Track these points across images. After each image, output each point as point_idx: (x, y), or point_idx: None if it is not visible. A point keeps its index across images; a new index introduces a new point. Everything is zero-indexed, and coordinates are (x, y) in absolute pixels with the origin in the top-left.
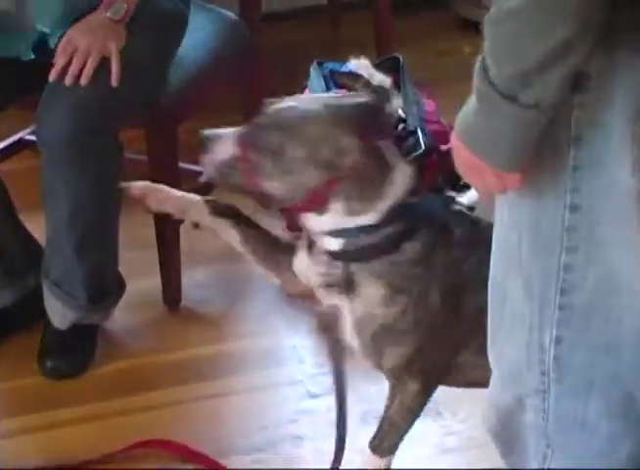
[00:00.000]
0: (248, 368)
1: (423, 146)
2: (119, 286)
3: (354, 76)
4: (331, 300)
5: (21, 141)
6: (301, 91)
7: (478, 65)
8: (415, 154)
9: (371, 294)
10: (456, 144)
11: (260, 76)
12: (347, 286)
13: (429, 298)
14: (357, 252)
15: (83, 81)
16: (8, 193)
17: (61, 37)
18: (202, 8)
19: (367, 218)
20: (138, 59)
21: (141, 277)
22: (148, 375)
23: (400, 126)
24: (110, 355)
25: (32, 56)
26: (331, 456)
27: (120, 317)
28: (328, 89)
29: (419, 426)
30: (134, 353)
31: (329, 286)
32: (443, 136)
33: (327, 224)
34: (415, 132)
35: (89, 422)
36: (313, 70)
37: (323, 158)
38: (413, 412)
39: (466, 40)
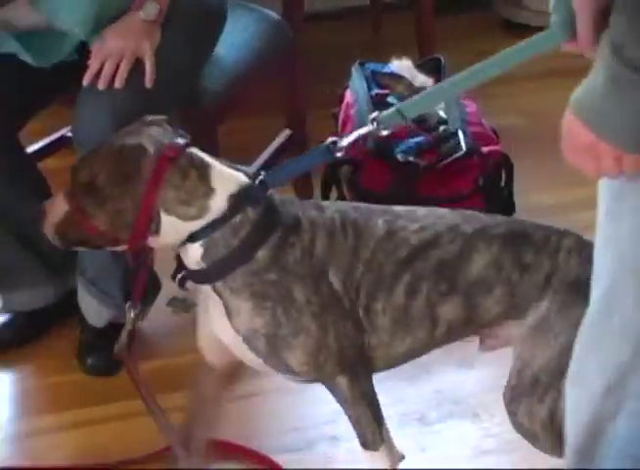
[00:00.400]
0: None
1: (464, 148)
2: (155, 286)
3: (396, 77)
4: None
5: (62, 138)
6: (343, 92)
7: (606, 47)
8: (455, 156)
9: (242, 309)
10: (572, 125)
11: (302, 77)
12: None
13: (294, 296)
14: (216, 266)
15: (117, 84)
16: (50, 190)
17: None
18: (245, 7)
19: (208, 217)
20: (173, 58)
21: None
22: (183, 374)
23: (441, 128)
24: (145, 354)
25: (76, 56)
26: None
27: (155, 317)
28: (369, 90)
29: (457, 427)
30: (169, 352)
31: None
32: (485, 138)
33: (171, 237)
34: (456, 134)
35: (124, 420)
36: (355, 71)
37: (121, 176)
38: (360, 402)
39: (507, 42)
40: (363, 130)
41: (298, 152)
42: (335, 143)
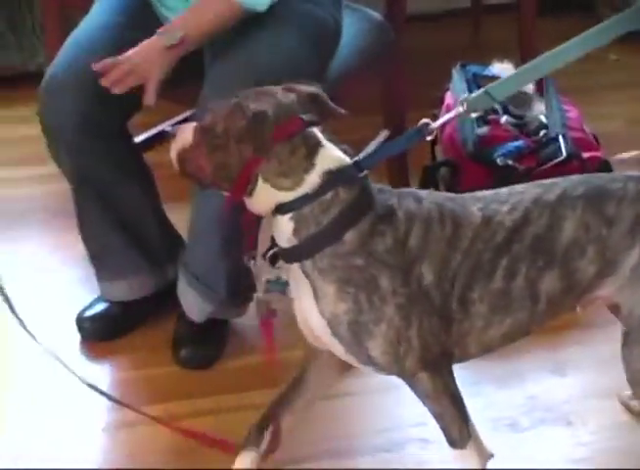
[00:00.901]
0: None
1: (564, 153)
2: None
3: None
4: (301, 307)
5: (162, 133)
6: (443, 93)
7: None
8: (555, 161)
9: (327, 292)
10: None
11: (402, 78)
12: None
13: (379, 283)
14: (306, 244)
15: (113, 90)
16: (154, 182)
17: None
18: (348, 7)
19: (300, 190)
20: (302, 69)
21: None
22: (274, 372)
23: (542, 133)
24: (238, 350)
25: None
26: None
27: (250, 312)
28: (470, 92)
29: (548, 435)
30: (259, 350)
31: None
32: (586, 144)
33: (262, 203)
34: (556, 139)
35: (215, 414)
36: (456, 73)
37: (236, 135)
38: (442, 397)
39: (612, 47)
40: (452, 113)
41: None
42: (427, 125)
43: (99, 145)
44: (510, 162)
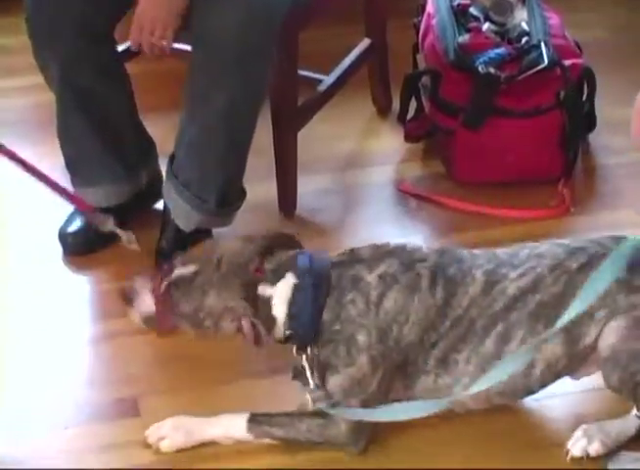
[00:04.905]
0: None
1: (546, 60)
2: (243, 192)
3: None
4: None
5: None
6: (424, 1)
7: None
8: (537, 68)
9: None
10: None
11: None
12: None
13: (357, 339)
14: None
15: (151, 53)
16: (132, 91)
17: None
18: None
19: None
20: None
21: (258, 183)
22: None
23: (524, 40)
24: None
25: None
26: None
27: (236, 223)
28: (451, 0)
29: None
30: None
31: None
32: (568, 51)
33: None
34: (538, 46)
35: None
36: None
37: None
38: (320, 439)
39: None
40: None
41: (378, 61)
42: None
43: (88, 47)
44: (492, 69)
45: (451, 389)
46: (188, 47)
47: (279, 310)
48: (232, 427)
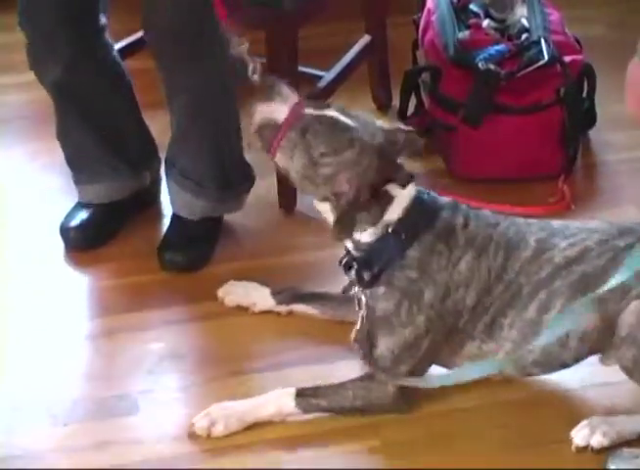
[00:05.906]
0: None
1: (546, 56)
2: (247, 175)
3: None
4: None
5: (141, 40)
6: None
7: None
8: (537, 64)
9: (377, 291)
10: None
11: None
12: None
13: (423, 296)
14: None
15: None
16: (133, 88)
17: None
18: None
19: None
20: None
21: (258, 179)
22: (261, 277)
23: (523, 36)
24: (224, 255)
25: None
26: None
27: (235, 218)
28: None
29: None
30: (248, 255)
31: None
32: (568, 47)
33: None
34: (538, 42)
35: (202, 321)
36: None
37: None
38: (366, 404)
39: None
40: None
41: (378, 57)
42: None
43: (80, 41)
44: (491, 65)
45: (494, 355)
46: None
47: (392, 214)
48: (283, 405)
